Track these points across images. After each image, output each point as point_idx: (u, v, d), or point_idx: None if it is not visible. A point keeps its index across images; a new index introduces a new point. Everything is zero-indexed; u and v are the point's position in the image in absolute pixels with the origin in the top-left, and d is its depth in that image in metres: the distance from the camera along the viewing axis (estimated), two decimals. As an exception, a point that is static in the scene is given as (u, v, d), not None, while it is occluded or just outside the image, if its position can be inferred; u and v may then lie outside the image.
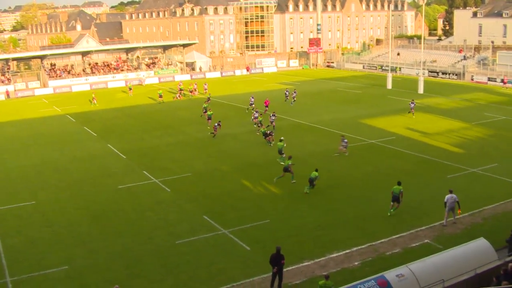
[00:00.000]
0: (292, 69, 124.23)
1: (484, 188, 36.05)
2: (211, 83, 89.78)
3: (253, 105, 64.43)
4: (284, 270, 23.35)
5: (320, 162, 42.52)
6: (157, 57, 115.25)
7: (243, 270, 25.07)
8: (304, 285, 23.43)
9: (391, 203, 31.53)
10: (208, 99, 68.96)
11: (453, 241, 26.08)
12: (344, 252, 26.73)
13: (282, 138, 44.00)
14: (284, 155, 41.36)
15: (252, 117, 56.26)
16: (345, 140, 44.45)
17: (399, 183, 31.59)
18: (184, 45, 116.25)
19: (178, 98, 79.94)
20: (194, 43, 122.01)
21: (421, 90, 79.45)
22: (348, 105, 69.10)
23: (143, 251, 27.45)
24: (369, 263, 25.44)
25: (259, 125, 53.27)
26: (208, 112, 57.31)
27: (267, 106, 61.75)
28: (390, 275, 19.46)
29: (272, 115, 54.04)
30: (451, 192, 29.84)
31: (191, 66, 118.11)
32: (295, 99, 70.39)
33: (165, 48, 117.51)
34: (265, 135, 48.19)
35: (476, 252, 21.63)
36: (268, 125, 51.13)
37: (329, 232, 29.31)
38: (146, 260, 26.45)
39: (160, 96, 76.81)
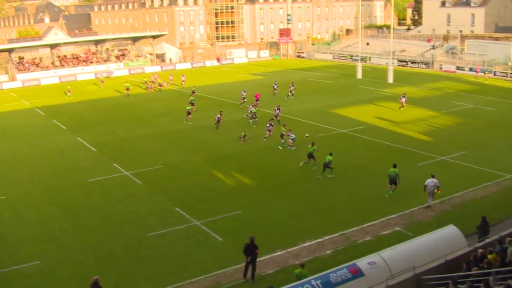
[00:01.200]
0: (262, 60, 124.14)
1: (453, 175, 36.51)
2: (179, 75, 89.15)
3: (245, 100, 63.42)
4: (257, 260, 23.39)
5: (290, 152, 42.74)
6: (126, 49, 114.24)
7: (215, 261, 25.09)
8: (277, 275, 23.52)
9: (389, 185, 32.62)
10: (193, 92, 67.17)
11: (424, 229, 26.39)
12: (316, 241, 26.90)
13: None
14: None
15: (248, 111, 54.92)
16: (293, 136, 44.02)
17: (394, 166, 32.62)
18: (154, 37, 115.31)
19: (149, 89, 79.33)
20: (164, 34, 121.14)
21: (390, 79, 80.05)
22: (319, 95, 69.33)
23: (115, 244, 27.31)
24: (341, 252, 25.66)
25: (253, 117, 53.13)
26: (188, 107, 56.21)
27: (257, 100, 60.25)
28: (362, 263, 19.61)
29: (277, 109, 53.07)
30: (432, 176, 30.81)
31: (161, 57, 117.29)
32: (293, 92, 68.34)
33: (135, 39, 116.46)
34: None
35: (446, 239, 21.88)
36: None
37: (301, 221, 29.45)
38: (118, 253, 26.34)
39: (127, 89, 75.29)
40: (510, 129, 49.05)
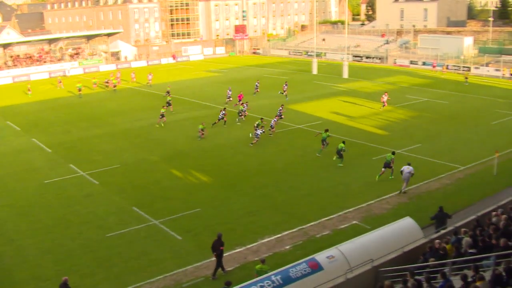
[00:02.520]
0: (218, 57, 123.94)
1: (408, 168, 37.08)
2: (136, 72, 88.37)
3: (231, 99, 62.08)
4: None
5: (247, 148, 42.88)
6: (81, 48, 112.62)
7: (175, 260, 25.04)
8: (237, 271, 23.60)
9: (382, 169, 34.53)
10: (168, 92, 65.19)
11: (380, 221, 26.77)
12: (275, 236, 27.07)
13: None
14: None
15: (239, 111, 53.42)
16: (259, 132, 44.27)
17: (393, 153, 35.11)
18: (109, 35, 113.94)
19: (108, 84, 77.94)
20: (118, 32, 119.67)
21: (345, 74, 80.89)
22: (275, 91, 69.54)
23: (73, 246, 27.00)
24: (300, 246, 25.89)
25: (240, 115, 52.70)
26: (162, 109, 53.67)
27: (240, 100, 58.47)
28: (320, 257, 19.78)
29: (281, 107, 52.04)
30: (409, 164, 32.51)
31: (116, 55, 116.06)
32: (285, 92, 64.69)
33: (89, 38, 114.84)
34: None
35: (403, 231, 22.24)
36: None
37: (259, 217, 29.58)
38: (76, 254, 26.05)
39: (79, 90, 73.09)
40: (462, 121, 50.09)
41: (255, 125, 44.95)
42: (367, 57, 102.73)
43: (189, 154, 42.53)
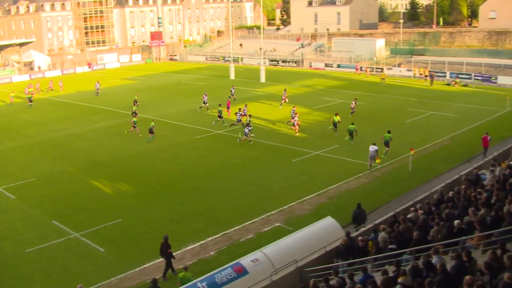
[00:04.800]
0: (135, 64, 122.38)
1: (327, 169, 37.84)
2: (51, 82, 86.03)
3: (207, 103, 59.96)
4: (141, 267, 23.19)
5: (168, 155, 42.62)
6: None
7: (98, 272, 24.51)
8: (162, 281, 23.33)
9: (386, 148, 39.38)
10: (135, 101, 61.73)
11: (302, 222, 27.07)
12: (199, 243, 26.95)
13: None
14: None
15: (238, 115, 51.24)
16: (248, 129, 45.18)
17: (389, 132, 39.81)
18: (21, 44, 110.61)
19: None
20: (31, 42, 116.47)
21: (263, 79, 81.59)
22: (193, 97, 69.26)
23: (-10, 264, 26.03)
24: (225, 251, 25.87)
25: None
26: (134, 118, 51.48)
27: (228, 108, 56.81)
28: (245, 260, 19.83)
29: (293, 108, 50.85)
30: (374, 144, 37.40)
31: (29, 65, 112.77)
32: (286, 100, 61.48)
33: (0, 48, 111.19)
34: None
35: (325, 230, 22.60)
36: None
37: (182, 225, 29.38)
38: (-7, 272, 25.12)
39: None
40: (377, 121, 51.38)
41: (245, 123, 46.50)
42: (283, 61, 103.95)
43: (107, 164, 41.76)
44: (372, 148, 37.16)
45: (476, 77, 74.72)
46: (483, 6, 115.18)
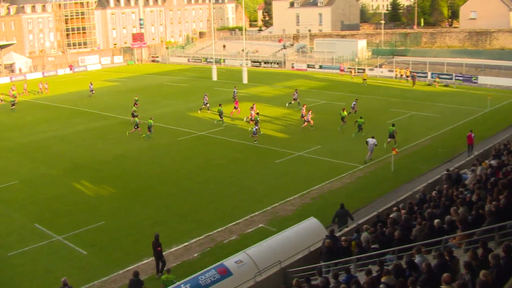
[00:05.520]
0: (117, 66, 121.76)
1: (310, 169, 37.91)
2: (31, 85, 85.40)
3: (208, 104, 59.60)
4: (124, 270, 23.11)
5: (149, 158, 42.46)
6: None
7: (81, 275, 24.35)
8: (146, 283, 23.19)
9: (388, 139, 41.02)
10: (136, 103, 61.31)
11: (286, 223, 27.15)
12: (183, 245, 26.89)
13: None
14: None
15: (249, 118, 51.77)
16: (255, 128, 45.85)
17: (393, 125, 41.58)
18: (1, 47, 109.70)
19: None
20: (11, 44, 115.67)
21: (245, 80, 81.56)
22: (176, 99, 69.23)
23: (-29, 268, 25.77)
24: (208, 253, 25.84)
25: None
26: (136, 119, 51.27)
27: (236, 107, 56.43)
28: (229, 262, 19.84)
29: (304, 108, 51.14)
30: (372, 137, 38.81)
31: (10, 68, 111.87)
32: (297, 100, 60.54)
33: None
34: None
35: (308, 231, 22.68)
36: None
37: (165, 227, 29.26)
38: (-25, 277, 24.87)
39: None
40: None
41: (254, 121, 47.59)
42: (265, 62, 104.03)
43: (89, 166, 41.48)
44: (371, 140, 38.56)
45: (457, 77, 75.39)
46: (464, 6, 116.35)
